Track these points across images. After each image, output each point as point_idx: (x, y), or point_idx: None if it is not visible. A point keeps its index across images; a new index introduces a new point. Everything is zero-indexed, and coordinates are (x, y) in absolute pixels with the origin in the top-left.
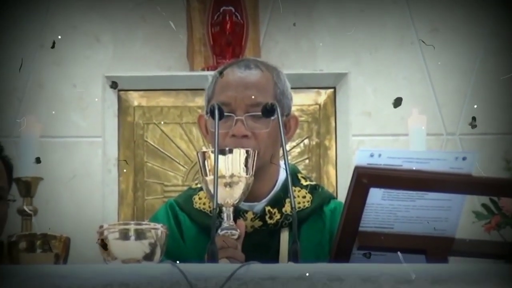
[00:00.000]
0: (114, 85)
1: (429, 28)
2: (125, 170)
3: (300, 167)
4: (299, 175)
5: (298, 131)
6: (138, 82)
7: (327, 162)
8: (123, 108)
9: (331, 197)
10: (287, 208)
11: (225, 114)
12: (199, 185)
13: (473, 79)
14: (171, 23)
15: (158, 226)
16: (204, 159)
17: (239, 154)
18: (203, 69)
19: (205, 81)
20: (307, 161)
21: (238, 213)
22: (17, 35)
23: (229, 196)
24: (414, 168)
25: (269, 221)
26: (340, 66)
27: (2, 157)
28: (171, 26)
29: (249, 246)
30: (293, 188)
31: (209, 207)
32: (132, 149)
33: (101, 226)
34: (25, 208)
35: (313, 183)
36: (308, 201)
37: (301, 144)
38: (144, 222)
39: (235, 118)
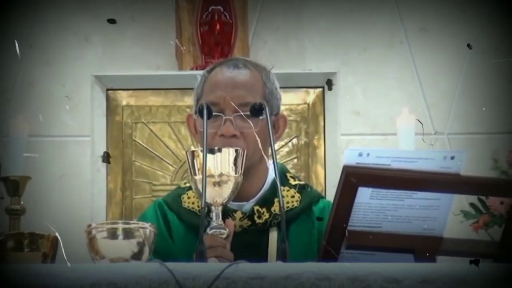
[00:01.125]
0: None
1: (418, 27)
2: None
3: (289, 166)
4: (288, 175)
5: (286, 130)
6: (127, 81)
7: (316, 161)
8: (111, 108)
9: (320, 197)
10: (276, 208)
11: (214, 113)
12: (187, 184)
13: (461, 78)
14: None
15: (146, 225)
16: (193, 158)
17: (228, 153)
18: (191, 69)
19: (194, 80)
20: (295, 160)
21: (227, 212)
22: (6, 34)
23: (218, 195)
24: (402, 168)
25: (258, 221)
26: (329, 65)
27: None
28: (159, 26)
29: (238, 246)
30: (282, 187)
31: (198, 206)
32: (121, 148)
33: (89, 225)
34: (13, 207)
35: (302, 182)
36: (297, 201)
37: (290, 144)
38: (132, 221)
39: (224, 117)
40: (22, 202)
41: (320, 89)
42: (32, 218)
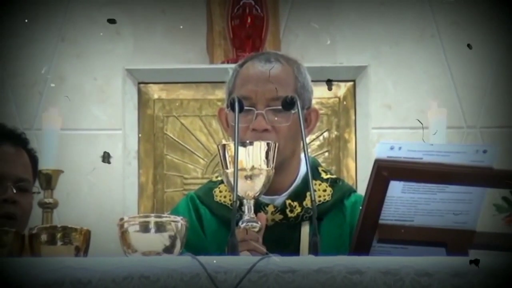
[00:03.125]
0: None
1: (449, 21)
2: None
3: (320, 160)
4: (320, 169)
5: (318, 124)
6: (158, 75)
7: (347, 155)
8: (143, 101)
9: (351, 191)
10: (307, 202)
11: (246, 108)
12: (219, 178)
13: (493, 71)
14: None
15: (178, 218)
16: (224, 151)
17: (259, 147)
18: (222, 62)
19: (225, 74)
20: (326, 154)
21: (259, 206)
22: (38, 29)
23: (250, 188)
24: (434, 161)
25: (290, 215)
26: (360, 59)
27: (27, 150)
28: (190, 19)
29: (269, 240)
30: (314, 181)
31: (230, 200)
32: (152, 142)
33: (122, 219)
34: (46, 200)
35: (334, 176)
36: (328, 195)
37: (321, 137)
38: (164, 215)
39: (256, 112)
40: (54, 196)
41: (351, 83)
42: (65, 211)
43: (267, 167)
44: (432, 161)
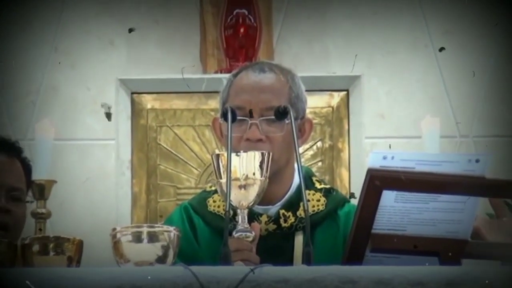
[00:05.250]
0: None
1: (442, 30)
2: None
3: (313, 169)
4: (314, 179)
5: (311, 133)
6: (152, 85)
7: (340, 164)
8: (136, 111)
9: (345, 201)
10: (301, 212)
11: (240, 118)
12: (213, 188)
13: (486, 81)
14: None
15: (171, 228)
16: (218, 161)
17: (253, 157)
18: (216, 72)
19: (218, 83)
20: (320, 163)
21: (253, 216)
22: (31, 38)
23: (243, 198)
24: (427, 171)
25: (284, 225)
26: (354, 68)
27: (21, 159)
28: (184, 29)
29: (263, 250)
30: (308, 191)
31: (224, 209)
32: (145, 151)
33: (114, 229)
34: (38, 210)
35: (328, 186)
36: (322, 205)
37: (314, 147)
38: (157, 225)
39: (250, 122)
40: (48, 206)
41: (345, 92)
42: (58, 221)
43: (261, 176)
44: (424, 170)
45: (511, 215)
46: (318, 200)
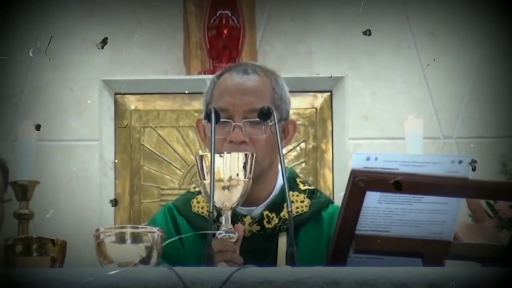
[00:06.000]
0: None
1: (425, 32)
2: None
3: (297, 170)
4: (298, 180)
5: (295, 135)
6: (135, 85)
7: (324, 165)
8: (119, 112)
9: (329, 202)
10: (285, 213)
11: (223, 120)
12: (197, 189)
13: (469, 82)
14: None
15: (155, 229)
16: (202, 162)
17: (237, 158)
18: (199, 73)
19: (202, 84)
20: (303, 164)
21: (236, 217)
22: (15, 39)
23: (227, 199)
24: (410, 172)
25: (267, 226)
26: (337, 70)
27: None
28: (167, 30)
29: (247, 251)
30: (292, 192)
31: (207, 210)
32: (129, 152)
33: (98, 230)
34: (21, 211)
35: (312, 187)
36: (306, 206)
37: (298, 148)
38: (140, 226)
39: (233, 124)
40: (30, 207)
41: (328, 93)
42: (41, 222)
43: (245, 178)
44: (408, 171)
45: (491, 218)
46: (302, 201)
